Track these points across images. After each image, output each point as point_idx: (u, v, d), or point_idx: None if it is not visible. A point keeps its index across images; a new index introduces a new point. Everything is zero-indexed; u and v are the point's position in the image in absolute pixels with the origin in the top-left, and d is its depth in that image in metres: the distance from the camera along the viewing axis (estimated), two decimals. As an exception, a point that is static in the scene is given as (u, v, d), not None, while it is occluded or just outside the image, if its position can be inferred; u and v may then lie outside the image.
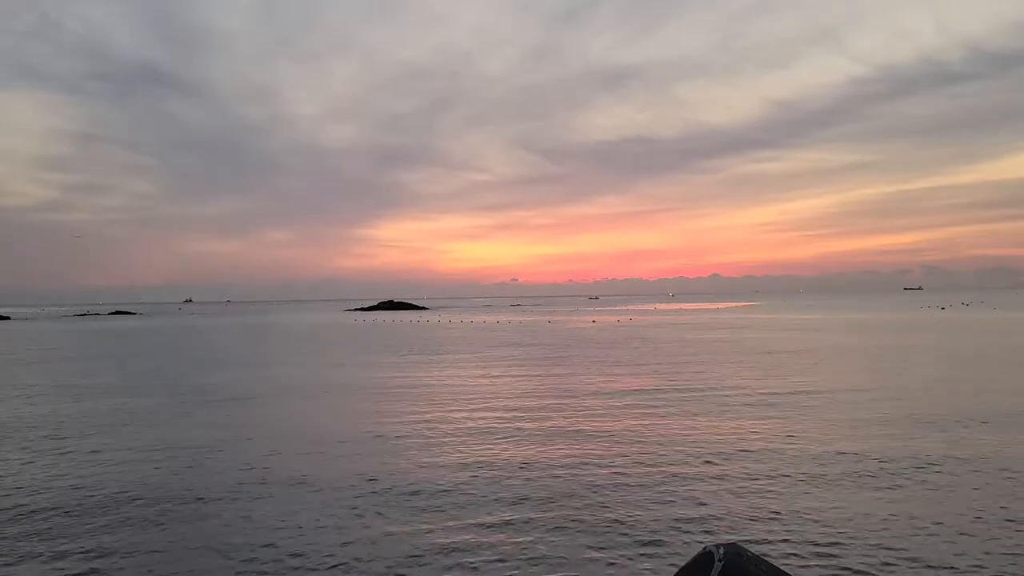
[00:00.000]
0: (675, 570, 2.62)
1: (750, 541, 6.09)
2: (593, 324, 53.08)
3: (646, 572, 5.58)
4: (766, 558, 2.54)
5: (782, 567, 2.51)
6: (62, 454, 10.32)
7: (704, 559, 2.44)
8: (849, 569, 5.56)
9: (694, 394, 15.20)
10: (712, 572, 2.34)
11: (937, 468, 8.60)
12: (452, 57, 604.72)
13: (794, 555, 5.85)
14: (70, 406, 15.10)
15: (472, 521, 6.88)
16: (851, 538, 6.22)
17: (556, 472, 8.74)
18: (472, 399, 15.14)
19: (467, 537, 6.43)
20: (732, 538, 6.19)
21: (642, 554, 5.94)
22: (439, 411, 13.60)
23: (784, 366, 20.56)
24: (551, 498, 7.60)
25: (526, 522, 6.82)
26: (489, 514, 7.09)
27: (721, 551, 2.41)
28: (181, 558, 6.06)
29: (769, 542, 6.13)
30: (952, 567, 5.59)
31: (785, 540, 6.19)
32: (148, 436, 11.59)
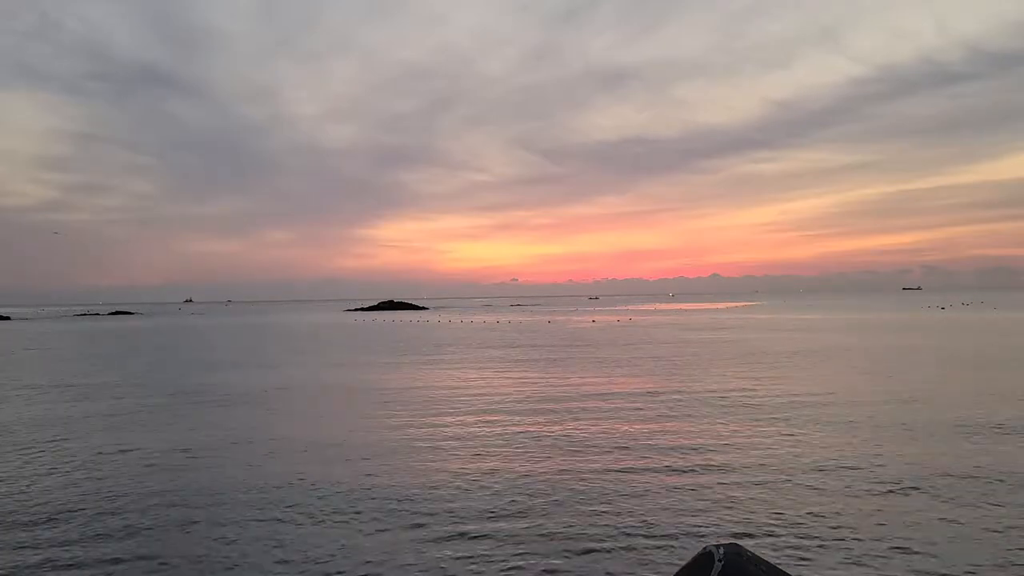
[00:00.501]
0: (675, 570, 2.61)
1: (750, 541, 6.08)
2: (593, 324, 53.09)
3: (646, 572, 5.57)
4: (766, 558, 2.53)
5: (782, 567, 2.50)
6: (57, 454, 10.31)
7: (704, 559, 2.44)
8: (850, 564, 5.56)
9: (694, 396, 15.20)
10: (712, 572, 2.33)
11: (939, 475, 8.58)
12: (452, 57, 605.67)
13: (793, 554, 5.84)
14: (68, 407, 15.09)
15: (469, 522, 6.87)
16: (849, 540, 6.21)
17: (554, 473, 8.73)
18: (469, 401, 15.14)
19: (464, 538, 6.42)
20: (732, 537, 6.19)
21: (642, 554, 5.93)
22: (435, 413, 13.60)
23: (786, 367, 20.56)
24: (549, 499, 7.59)
25: (523, 523, 6.81)
26: (486, 514, 7.08)
27: (721, 551, 2.41)
28: (170, 562, 6.05)
29: (771, 537, 6.12)
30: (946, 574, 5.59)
31: (784, 541, 6.18)
32: (143, 437, 11.58)
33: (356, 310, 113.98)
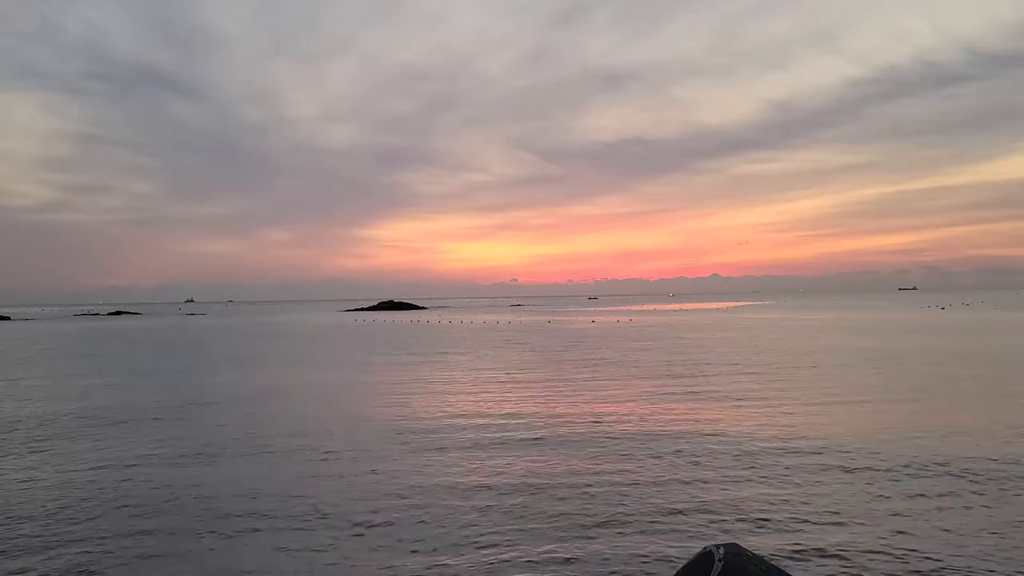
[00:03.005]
0: (675, 570, 2.62)
1: (749, 542, 6.08)
2: (593, 324, 53.07)
3: (647, 573, 5.57)
4: (765, 558, 2.53)
5: (781, 567, 2.51)
6: (47, 454, 10.30)
7: (704, 559, 2.44)
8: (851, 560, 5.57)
9: (696, 401, 15.20)
10: (712, 572, 2.34)
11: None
12: (451, 58, 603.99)
13: (793, 554, 5.84)
14: (63, 407, 15.06)
15: (468, 525, 6.87)
16: (849, 540, 6.22)
17: (553, 475, 8.72)
18: (467, 404, 15.14)
19: (464, 544, 6.42)
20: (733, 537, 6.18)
21: (642, 555, 5.93)
22: (432, 417, 13.59)
23: (792, 368, 20.54)
24: (549, 500, 7.58)
25: (523, 525, 6.81)
26: (485, 517, 7.08)
27: (721, 551, 2.41)
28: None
29: (770, 538, 6.12)
30: None
31: (783, 542, 6.19)
32: (130, 441, 11.56)
33: (356, 310, 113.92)
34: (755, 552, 2.47)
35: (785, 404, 13.50)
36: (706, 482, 8.07)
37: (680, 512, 6.99)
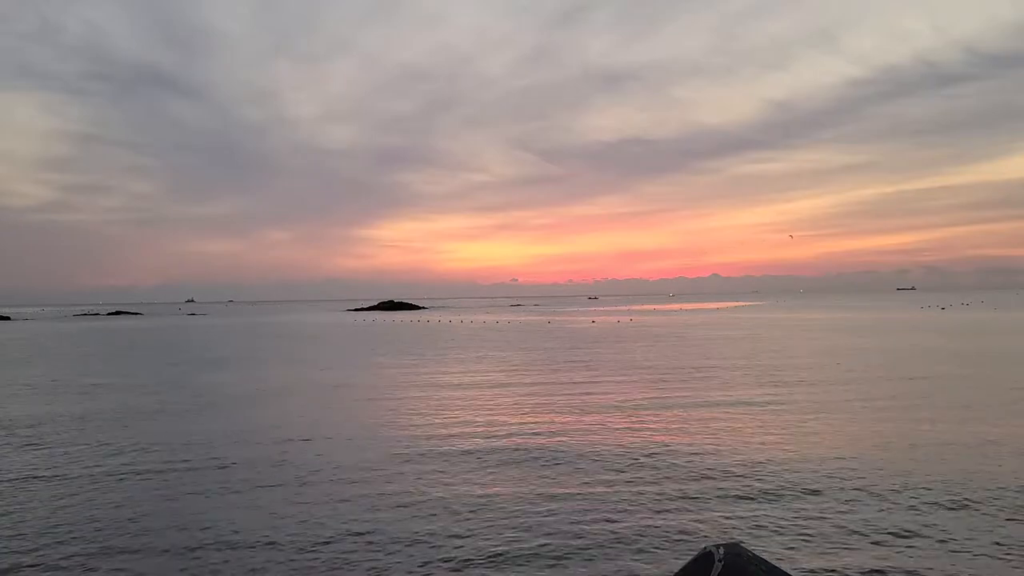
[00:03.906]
0: (675, 570, 2.63)
1: (749, 542, 6.10)
2: (593, 325, 53.07)
3: (646, 573, 5.58)
4: (765, 558, 2.55)
5: (781, 567, 2.52)
6: (46, 455, 10.31)
7: (704, 559, 2.45)
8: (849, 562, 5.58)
9: (698, 405, 15.21)
10: (712, 572, 2.35)
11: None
12: (451, 58, 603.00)
13: (793, 554, 5.86)
14: (62, 407, 15.07)
15: (468, 530, 6.88)
16: (849, 545, 6.23)
17: (550, 483, 8.74)
18: (465, 408, 15.14)
19: (463, 547, 6.43)
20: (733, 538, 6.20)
21: (642, 556, 5.94)
22: (428, 421, 13.59)
23: (792, 370, 20.54)
24: (550, 501, 7.60)
25: (518, 534, 6.82)
26: (486, 521, 7.09)
27: (721, 551, 2.42)
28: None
29: (771, 538, 6.14)
30: None
31: (783, 544, 6.20)
32: (133, 439, 11.56)
33: (356, 310, 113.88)
34: (755, 552, 2.48)
35: (786, 409, 13.51)
36: (705, 489, 8.08)
37: (679, 519, 6.99)
